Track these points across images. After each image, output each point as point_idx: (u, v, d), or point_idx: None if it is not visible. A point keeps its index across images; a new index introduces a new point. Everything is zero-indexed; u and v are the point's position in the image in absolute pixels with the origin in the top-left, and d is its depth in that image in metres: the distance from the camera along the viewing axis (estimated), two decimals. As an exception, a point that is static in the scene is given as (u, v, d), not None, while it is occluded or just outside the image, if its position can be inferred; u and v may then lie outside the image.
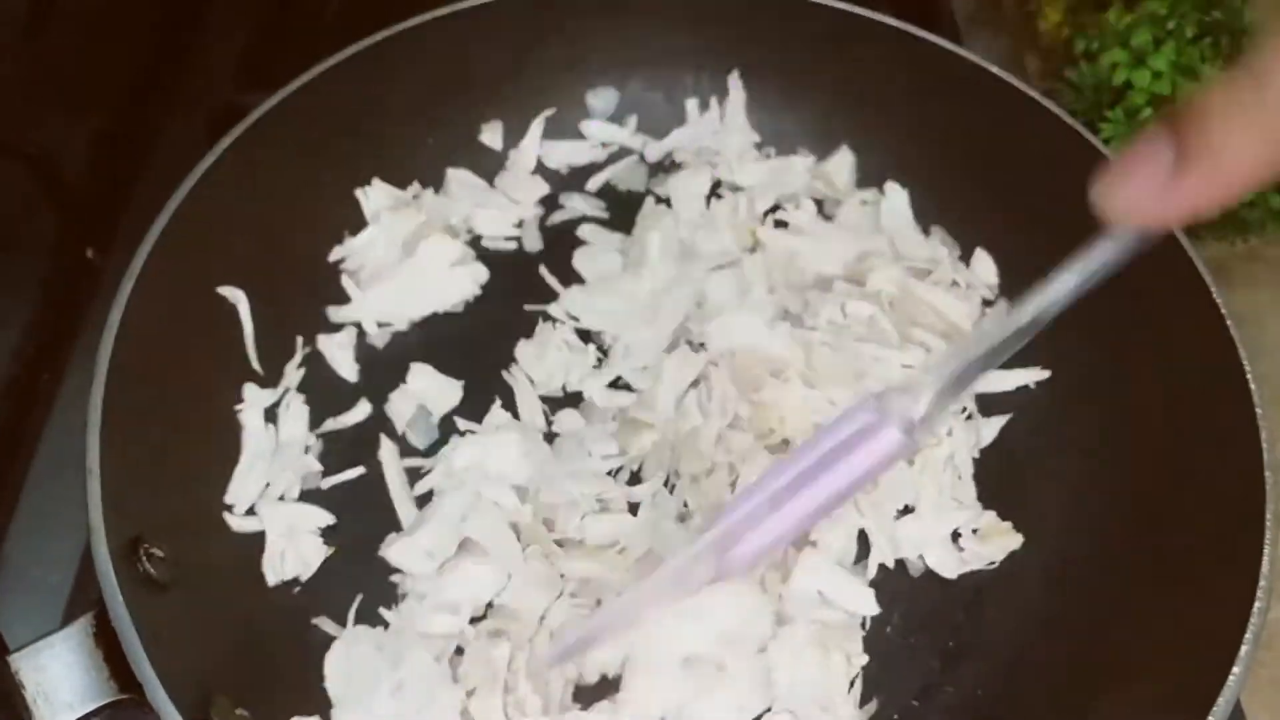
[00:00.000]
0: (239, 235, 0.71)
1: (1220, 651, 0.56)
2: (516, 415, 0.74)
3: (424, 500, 0.71)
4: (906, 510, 0.72)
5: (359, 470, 0.72)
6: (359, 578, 0.67)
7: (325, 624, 0.65)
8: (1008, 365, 0.74)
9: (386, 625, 0.65)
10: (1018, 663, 0.67)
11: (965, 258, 0.83)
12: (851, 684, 0.65)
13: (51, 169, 0.83)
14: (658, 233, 0.82)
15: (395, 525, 0.70)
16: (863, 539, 0.71)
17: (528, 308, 0.80)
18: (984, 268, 0.82)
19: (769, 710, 0.64)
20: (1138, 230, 0.44)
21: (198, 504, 0.67)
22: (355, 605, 0.66)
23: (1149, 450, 0.70)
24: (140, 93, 0.91)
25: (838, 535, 0.69)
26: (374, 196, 0.82)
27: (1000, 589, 0.70)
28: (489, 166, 0.88)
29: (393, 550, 0.67)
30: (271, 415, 0.73)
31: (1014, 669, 0.67)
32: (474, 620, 0.66)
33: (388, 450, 0.72)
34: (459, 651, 0.64)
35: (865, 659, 0.66)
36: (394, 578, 0.67)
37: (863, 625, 0.68)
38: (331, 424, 0.73)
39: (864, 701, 0.65)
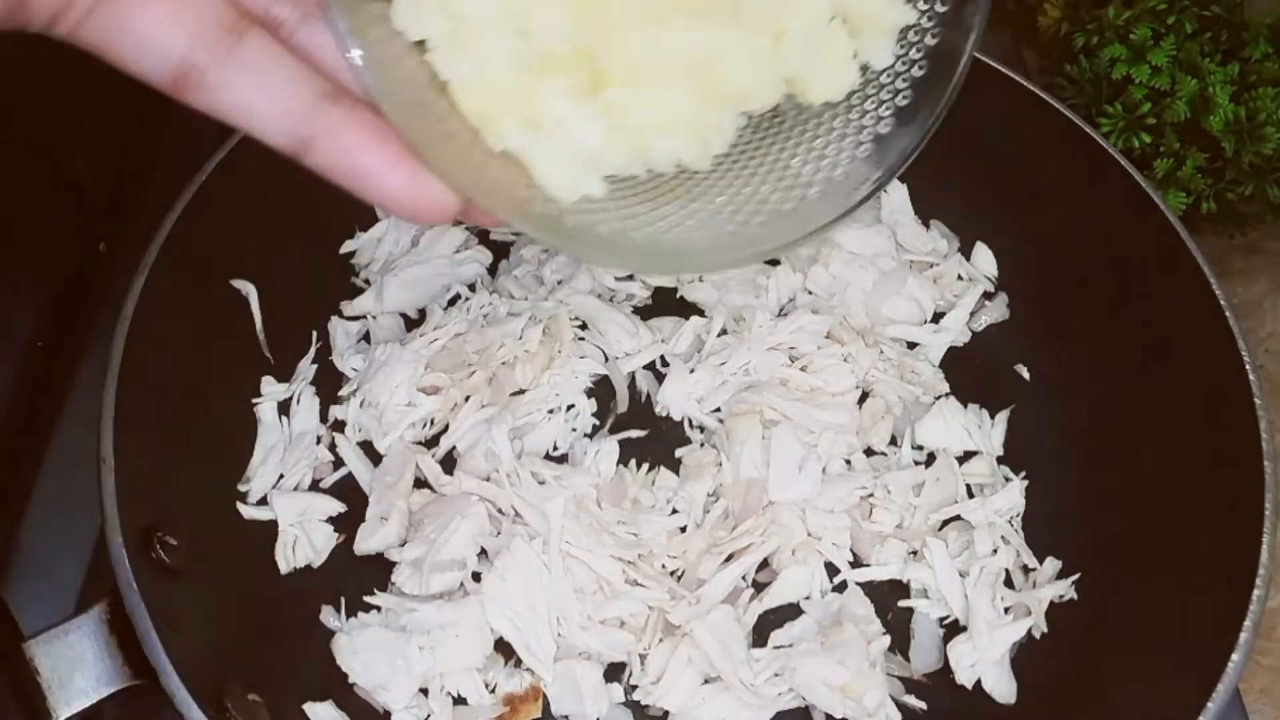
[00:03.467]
0: (251, 228, 0.72)
1: (1220, 639, 0.57)
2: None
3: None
4: (957, 628, 0.69)
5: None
6: (369, 565, 0.68)
7: (330, 617, 0.66)
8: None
9: (380, 609, 0.66)
10: (1018, 651, 0.68)
11: (965, 250, 0.84)
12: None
13: (64, 162, 0.83)
14: None
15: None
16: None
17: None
18: (984, 260, 0.83)
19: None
20: None
21: (211, 493, 0.67)
22: (342, 604, 0.67)
23: (1149, 442, 0.71)
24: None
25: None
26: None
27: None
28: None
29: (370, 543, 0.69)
30: (284, 407, 0.73)
31: (1015, 657, 0.68)
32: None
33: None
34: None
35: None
36: (393, 554, 0.68)
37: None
38: (341, 414, 0.74)
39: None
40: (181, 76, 0.36)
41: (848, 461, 0.74)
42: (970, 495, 0.73)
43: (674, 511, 0.71)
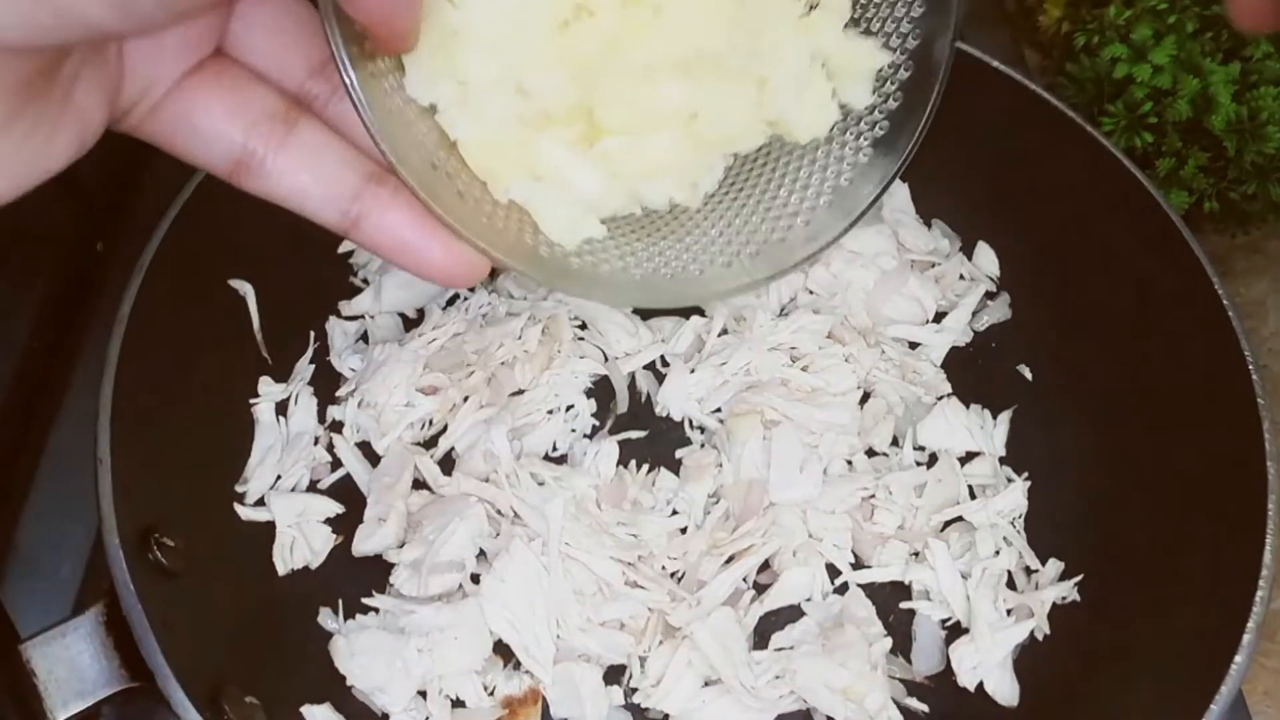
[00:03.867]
0: (248, 228, 0.71)
1: (1223, 641, 0.57)
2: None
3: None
4: (959, 630, 0.68)
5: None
6: (367, 566, 0.68)
7: (328, 619, 0.66)
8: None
9: (378, 611, 0.66)
10: (1021, 653, 0.68)
11: (967, 250, 0.84)
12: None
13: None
14: None
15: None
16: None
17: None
18: (985, 259, 0.83)
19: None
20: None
21: (208, 494, 0.67)
22: (340, 605, 0.66)
23: (1152, 442, 0.70)
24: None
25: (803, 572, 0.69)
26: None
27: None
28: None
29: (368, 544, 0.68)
30: (281, 408, 0.73)
31: (1017, 659, 0.67)
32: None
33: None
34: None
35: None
36: (391, 555, 0.68)
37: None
38: (339, 414, 0.74)
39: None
40: (240, 165, 0.38)
41: (849, 462, 0.74)
42: (972, 496, 0.73)
43: (674, 513, 0.70)
